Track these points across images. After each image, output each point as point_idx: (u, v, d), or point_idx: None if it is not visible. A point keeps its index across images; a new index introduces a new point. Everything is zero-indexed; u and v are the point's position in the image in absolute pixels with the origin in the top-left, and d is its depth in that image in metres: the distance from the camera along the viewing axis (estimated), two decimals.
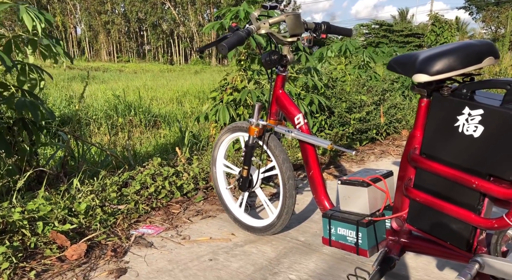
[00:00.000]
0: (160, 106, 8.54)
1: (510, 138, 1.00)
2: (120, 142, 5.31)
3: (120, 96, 7.21)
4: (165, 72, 21.48)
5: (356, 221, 1.31)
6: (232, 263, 1.52)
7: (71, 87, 10.98)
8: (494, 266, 1.04)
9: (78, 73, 16.55)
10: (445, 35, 6.71)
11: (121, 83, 13.13)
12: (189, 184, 2.30)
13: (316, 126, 3.78)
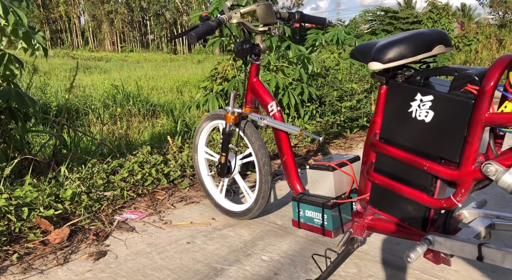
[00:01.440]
0: (159, 96, 8.61)
1: (456, 122, 1.05)
2: (118, 131, 5.40)
3: (119, 86, 7.28)
4: (168, 62, 21.49)
5: (322, 204, 1.37)
6: (208, 245, 1.59)
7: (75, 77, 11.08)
8: (443, 244, 1.10)
9: (81, 64, 16.62)
10: (442, 21, 6.65)
11: (123, 73, 13.20)
12: (176, 171, 2.37)
13: (308, 115, 3.82)
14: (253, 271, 1.39)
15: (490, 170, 0.96)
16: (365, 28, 27.73)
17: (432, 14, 6.73)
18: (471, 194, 1.05)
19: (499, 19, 32.87)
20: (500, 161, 0.96)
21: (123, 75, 12.78)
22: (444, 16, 6.57)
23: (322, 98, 3.89)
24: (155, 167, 2.35)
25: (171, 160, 2.51)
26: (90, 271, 1.38)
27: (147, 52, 40.85)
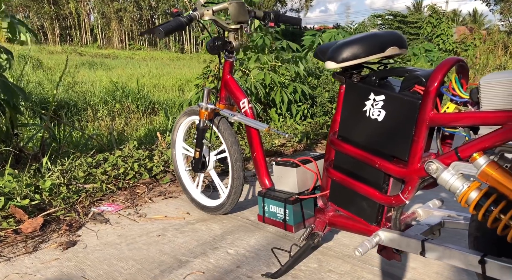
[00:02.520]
0: (160, 93, 8.68)
1: (404, 122, 1.08)
2: (116, 127, 5.48)
3: (118, 83, 7.36)
4: (174, 61, 21.61)
5: (284, 199, 1.40)
6: (178, 238, 1.63)
7: (78, 73, 11.20)
8: (392, 239, 1.12)
9: (87, 60, 16.79)
10: (442, 26, 6.63)
11: (127, 71, 13.30)
12: (158, 166, 2.41)
13: (299, 115, 3.85)
14: (217, 263, 1.43)
15: (432, 168, 0.99)
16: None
17: (432, 19, 6.72)
18: (433, 193, 1.08)
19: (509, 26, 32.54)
20: (442, 159, 0.99)
21: (127, 72, 12.88)
22: (444, 21, 6.55)
23: (314, 98, 3.91)
24: (138, 162, 2.39)
25: (156, 155, 2.56)
26: (56, 259, 1.43)
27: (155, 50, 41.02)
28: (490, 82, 0.88)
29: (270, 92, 3.82)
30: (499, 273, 0.91)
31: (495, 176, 0.88)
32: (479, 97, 0.91)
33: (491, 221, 0.88)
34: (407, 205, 1.74)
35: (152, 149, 2.78)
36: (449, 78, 1.00)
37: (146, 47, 46.36)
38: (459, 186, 0.94)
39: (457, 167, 0.96)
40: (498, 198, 0.88)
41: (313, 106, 3.89)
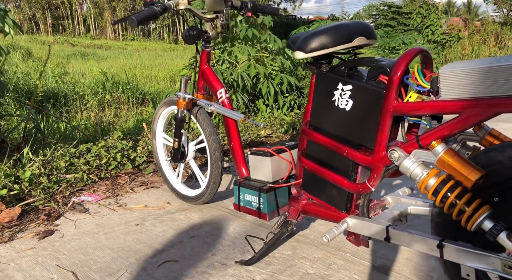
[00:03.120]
0: (152, 84, 8.63)
1: (370, 111, 1.09)
2: (106, 118, 5.46)
3: (108, 74, 7.30)
4: (167, 51, 21.40)
5: (258, 188, 1.41)
6: (156, 227, 1.65)
7: (70, 64, 11.08)
8: (359, 226, 1.15)
9: (79, 51, 16.59)
10: (431, 17, 6.62)
11: (119, 61, 13.17)
12: (142, 156, 2.42)
13: (286, 106, 3.86)
14: (192, 251, 1.45)
15: (394, 156, 1.01)
16: (369, 23, 27.46)
17: (422, 10, 6.70)
18: (403, 181, 1.10)
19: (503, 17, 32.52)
20: (404, 148, 1.01)
21: (119, 63, 12.75)
22: (434, 12, 6.53)
23: (301, 89, 3.92)
24: (121, 152, 2.40)
25: (140, 146, 2.56)
26: (32, 249, 1.44)
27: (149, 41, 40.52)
28: (449, 71, 0.90)
29: (258, 83, 3.82)
30: (455, 256, 0.94)
31: (451, 163, 0.90)
32: (439, 87, 0.92)
33: (447, 206, 0.91)
34: (382, 193, 1.77)
35: (137, 140, 2.78)
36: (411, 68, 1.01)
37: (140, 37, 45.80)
38: (419, 173, 0.96)
39: (417, 155, 0.97)
40: (455, 184, 0.91)
41: (300, 97, 3.90)
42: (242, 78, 3.56)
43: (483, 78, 0.84)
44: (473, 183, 0.86)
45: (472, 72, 0.86)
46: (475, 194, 0.91)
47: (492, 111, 0.85)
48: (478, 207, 0.87)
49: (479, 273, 0.93)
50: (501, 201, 0.90)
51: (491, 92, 0.84)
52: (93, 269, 1.31)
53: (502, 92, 0.82)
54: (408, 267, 1.30)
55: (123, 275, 1.27)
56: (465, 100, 0.88)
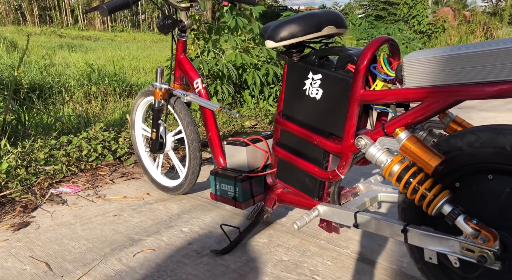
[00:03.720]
0: (139, 75, 8.54)
1: (339, 99, 1.10)
2: (93, 110, 5.39)
3: (94, 65, 7.20)
4: (157, 42, 21.12)
5: (234, 177, 1.42)
6: (134, 218, 1.65)
7: (57, 55, 10.89)
8: (329, 213, 1.17)
9: (67, 42, 16.28)
10: (417, 7, 6.63)
11: (107, 53, 12.98)
12: (123, 148, 2.40)
13: (272, 97, 3.85)
14: (169, 241, 1.45)
15: (361, 144, 1.02)
16: (359, 13, 27.48)
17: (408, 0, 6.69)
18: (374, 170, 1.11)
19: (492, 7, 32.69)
20: (371, 135, 1.02)
21: (107, 54, 12.58)
22: (420, 2, 6.54)
23: None
24: (102, 144, 2.38)
25: (122, 137, 2.55)
26: (6, 240, 1.43)
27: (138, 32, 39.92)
28: (412, 60, 0.90)
29: (243, 74, 3.81)
30: (418, 240, 0.96)
31: (413, 149, 0.91)
32: (403, 75, 0.93)
33: (410, 192, 0.92)
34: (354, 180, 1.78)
35: (120, 131, 2.76)
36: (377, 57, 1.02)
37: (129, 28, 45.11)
38: (383, 160, 0.97)
39: (382, 142, 0.99)
40: (417, 170, 0.92)
41: None
42: (228, 69, 3.54)
43: (443, 66, 0.85)
44: (434, 169, 0.88)
45: (432, 60, 0.87)
46: (436, 180, 0.92)
47: (453, 99, 0.86)
48: (438, 192, 0.89)
49: (441, 256, 0.95)
50: (461, 186, 0.92)
51: (451, 80, 0.85)
52: (67, 259, 1.31)
53: (461, 80, 0.83)
54: (380, 253, 1.33)
55: (98, 265, 1.28)
56: (427, 88, 0.89)
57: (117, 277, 1.21)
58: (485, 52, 0.79)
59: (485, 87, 0.80)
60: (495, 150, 0.83)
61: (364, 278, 1.19)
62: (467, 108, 3.75)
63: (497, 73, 0.79)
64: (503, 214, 0.86)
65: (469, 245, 0.86)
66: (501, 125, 0.85)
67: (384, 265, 1.25)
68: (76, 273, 1.23)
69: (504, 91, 0.79)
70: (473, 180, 0.90)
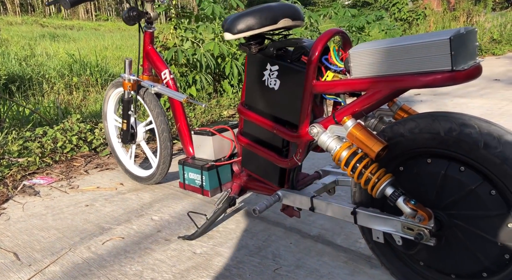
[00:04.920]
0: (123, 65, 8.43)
1: (294, 89, 1.13)
2: (75, 101, 5.33)
3: (75, 56, 7.08)
4: None
5: (201, 166, 1.46)
6: (105, 208, 1.67)
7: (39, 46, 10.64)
8: (288, 198, 1.21)
9: (49, 32, 15.89)
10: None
11: (90, 42, 12.74)
12: (99, 139, 2.41)
13: None
14: (139, 229, 1.49)
15: (313, 131, 1.06)
16: (347, 0, 27.36)
17: None
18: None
19: None
20: (322, 123, 1.06)
21: (90, 44, 12.35)
22: None
23: None
24: (78, 135, 2.38)
25: (98, 128, 2.55)
26: None
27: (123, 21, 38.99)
28: (357, 51, 0.94)
29: (222, 63, 3.81)
30: (366, 221, 1.01)
31: (358, 136, 0.95)
32: (350, 66, 0.97)
33: (356, 176, 0.97)
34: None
35: (97, 122, 2.76)
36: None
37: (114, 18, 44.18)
38: (333, 147, 1.01)
39: (332, 130, 1.03)
40: (363, 155, 0.97)
41: None
42: (206, 58, 3.54)
43: (384, 58, 0.89)
44: (377, 154, 0.93)
45: (375, 52, 0.90)
46: (381, 164, 0.97)
47: (394, 88, 0.90)
48: (382, 176, 0.94)
49: (387, 236, 1.01)
50: (405, 170, 0.97)
51: (391, 71, 0.89)
52: (36, 249, 1.33)
53: (400, 70, 0.87)
54: (340, 235, 1.39)
55: (66, 254, 1.30)
56: (371, 78, 0.93)
57: (84, 265, 1.24)
58: (419, 45, 0.83)
59: (420, 77, 0.85)
60: (431, 135, 0.88)
61: (323, 259, 1.25)
62: (442, 94, 3.84)
63: (430, 64, 0.83)
64: (439, 194, 0.91)
65: (408, 224, 0.92)
66: (438, 112, 0.90)
67: (344, 247, 1.31)
68: (44, 262, 1.25)
69: (438, 81, 0.83)
70: (414, 164, 0.95)
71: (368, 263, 1.21)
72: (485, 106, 3.21)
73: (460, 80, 0.82)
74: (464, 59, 0.84)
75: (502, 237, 0.84)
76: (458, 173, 0.88)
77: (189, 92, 3.63)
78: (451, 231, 0.91)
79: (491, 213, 0.85)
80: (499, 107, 3.14)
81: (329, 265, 1.21)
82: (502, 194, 0.83)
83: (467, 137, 0.84)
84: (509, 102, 3.28)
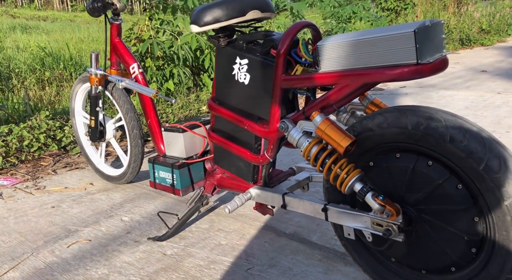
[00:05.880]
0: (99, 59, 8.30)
1: (264, 84, 1.14)
2: (47, 97, 5.23)
3: (47, 48, 6.93)
4: None
5: (171, 164, 1.45)
6: (73, 209, 1.65)
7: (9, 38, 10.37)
8: (260, 195, 1.22)
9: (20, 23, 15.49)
10: None
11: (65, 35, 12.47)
12: (69, 137, 2.37)
13: None
14: (107, 231, 1.48)
15: (283, 127, 1.06)
16: None
17: None
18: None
19: None
20: (292, 119, 1.07)
21: (65, 36, 12.09)
22: None
23: None
24: (46, 133, 2.34)
25: (69, 125, 2.51)
26: None
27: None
28: (325, 45, 0.94)
29: (201, 56, 3.79)
30: (337, 218, 1.03)
31: (327, 131, 0.96)
32: (318, 60, 0.97)
33: (325, 171, 0.98)
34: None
35: (67, 119, 2.72)
36: None
37: None
38: (302, 142, 1.02)
39: (302, 125, 1.04)
40: (332, 151, 0.98)
41: None
42: (184, 51, 3.51)
43: (351, 51, 0.90)
44: (345, 149, 0.94)
45: (342, 45, 0.91)
46: (351, 160, 0.99)
47: (361, 82, 0.91)
48: (351, 171, 0.95)
49: (357, 232, 1.03)
50: (375, 165, 0.99)
51: (358, 64, 0.90)
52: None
53: (367, 64, 0.89)
54: (316, 232, 1.40)
55: (28, 258, 1.29)
56: (338, 73, 0.94)
57: (47, 269, 1.23)
58: (385, 37, 0.84)
59: (386, 71, 0.86)
60: (399, 130, 0.90)
61: (297, 257, 1.26)
62: (428, 87, 3.90)
63: (396, 57, 0.84)
64: (408, 189, 0.93)
65: (377, 220, 0.93)
66: (406, 106, 0.91)
67: (319, 244, 1.33)
68: (2, 268, 1.23)
69: (404, 74, 0.85)
70: (384, 159, 0.97)
71: (343, 260, 1.23)
72: (469, 98, 3.28)
73: (425, 73, 0.83)
74: (429, 52, 0.86)
75: (468, 231, 0.86)
76: (426, 167, 0.90)
77: (166, 86, 3.60)
78: (420, 226, 0.93)
79: (458, 207, 0.87)
80: (484, 99, 3.21)
81: (303, 264, 1.22)
82: (468, 188, 0.85)
83: (433, 132, 0.85)
84: (494, 94, 3.36)
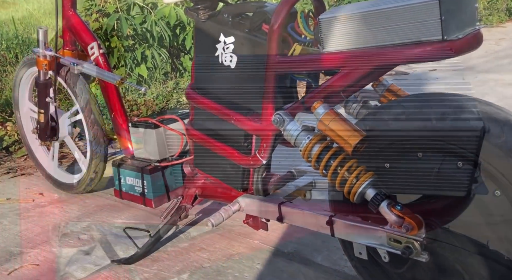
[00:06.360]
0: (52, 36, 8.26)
1: (256, 68, 1.14)
2: None
3: None
4: None
5: (141, 168, 1.46)
6: (17, 226, 1.66)
7: None
8: (251, 206, 1.23)
9: None
10: None
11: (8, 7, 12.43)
12: (12, 135, 2.38)
13: None
14: (60, 253, 1.49)
15: (277, 120, 1.07)
16: None
17: None
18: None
19: None
20: (290, 111, 1.08)
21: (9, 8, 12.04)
22: None
23: None
24: None
25: (12, 121, 2.51)
26: None
27: None
28: (329, 18, 0.96)
29: (181, 34, 3.79)
30: (345, 233, 1.04)
31: (332, 126, 0.97)
32: (321, 37, 0.98)
33: (330, 175, 0.99)
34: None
35: (11, 113, 2.71)
36: None
37: None
38: (302, 140, 1.03)
39: (301, 119, 1.04)
40: (338, 150, 0.99)
41: None
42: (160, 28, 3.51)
43: (361, 26, 0.91)
44: (354, 148, 0.95)
45: (350, 18, 0.92)
46: (362, 161, 1.00)
47: (373, 65, 0.92)
48: (361, 175, 0.96)
49: (371, 251, 1.04)
50: (391, 167, 1.00)
51: (369, 42, 0.91)
52: None
53: (380, 42, 0.90)
54: (322, 251, 1.42)
55: None
56: (345, 53, 0.95)
57: None
58: (402, 8, 0.86)
59: (404, 50, 0.87)
60: (421, 124, 0.91)
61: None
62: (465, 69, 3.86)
63: (416, 33, 0.86)
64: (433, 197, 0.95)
65: (395, 235, 0.95)
66: (429, 93, 0.93)
67: (325, 266, 1.35)
68: None
69: (427, 54, 0.86)
70: (402, 159, 0.98)
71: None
72: None
73: (453, 52, 0.85)
74: (458, 25, 0.87)
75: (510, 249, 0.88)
76: (455, 169, 0.91)
77: (137, 72, 3.60)
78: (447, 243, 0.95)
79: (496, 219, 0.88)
80: None
81: None
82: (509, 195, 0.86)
83: (463, 125, 0.87)
84: None
